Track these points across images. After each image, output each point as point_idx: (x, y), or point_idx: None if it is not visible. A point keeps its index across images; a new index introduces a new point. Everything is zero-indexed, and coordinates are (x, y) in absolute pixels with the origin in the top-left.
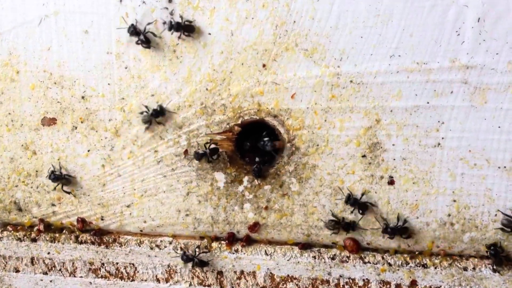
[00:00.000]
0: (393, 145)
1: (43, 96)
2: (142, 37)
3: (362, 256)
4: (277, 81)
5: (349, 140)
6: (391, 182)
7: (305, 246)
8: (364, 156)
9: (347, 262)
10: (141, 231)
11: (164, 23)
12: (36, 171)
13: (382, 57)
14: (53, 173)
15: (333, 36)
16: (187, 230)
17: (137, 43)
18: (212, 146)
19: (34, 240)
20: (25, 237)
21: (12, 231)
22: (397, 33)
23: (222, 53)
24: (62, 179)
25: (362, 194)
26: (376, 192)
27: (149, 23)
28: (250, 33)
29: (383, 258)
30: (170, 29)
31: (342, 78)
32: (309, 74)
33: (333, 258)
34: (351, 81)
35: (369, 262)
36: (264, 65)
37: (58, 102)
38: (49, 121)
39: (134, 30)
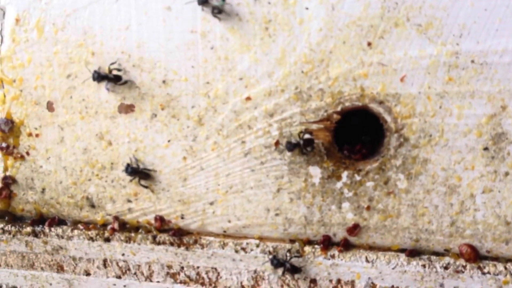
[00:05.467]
0: None
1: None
2: (111, 76)
3: (481, 265)
4: (384, 62)
5: (468, 130)
6: None
7: (413, 253)
8: (486, 148)
9: (463, 272)
10: (224, 232)
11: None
12: (112, 163)
13: (510, 33)
14: (130, 166)
15: (451, 9)
16: (277, 232)
17: (107, 88)
18: (307, 136)
19: (107, 240)
20: (97, 237)
21: (84, 230)
22: None
23: (320, 30)
24: (140, 172)
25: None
26: (499, 191)
27: (113, 63)
28: (354, 7)
29: (505, 268)
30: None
31: (462, 58)
32: (422, 53)
33: (446, 268)
34: (472, 61)
35: (489, 272)
36: (369, 44)
37: (136, 87)
38: (127, 108)
39: (98, 76)
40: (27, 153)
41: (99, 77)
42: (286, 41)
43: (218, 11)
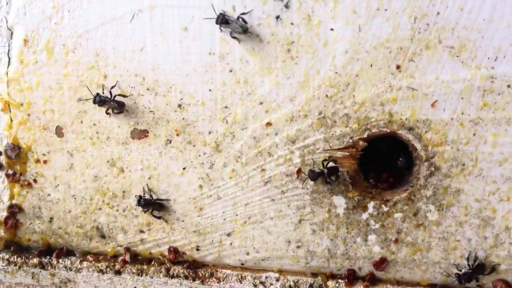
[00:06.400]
0: None
1: (133, 104)
2: (113, 103)
3: None
4: (414, 86)
5: (504, 158)
6: None
7: None
8: None
9: None
10: (242, 264)
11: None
12: (123, 192)
13: None
14: (142, 198)
15: (486, 30)
16: (298, 265)
17: (107, 112)
18: (331, 164)
19: (118, 273)
20: (108, 269)
21: (93, 262)
22: None
23: (346, 52)
24: (153, 204)
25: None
26: None
27: (113, 86)
28: (382, 28)
29: None
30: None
31: (497, 82)
32: (455, 77)
33: None
34: (508, 86)
35: None
36: (398, 67)
37: (151, 111)
38: (140, 134)
39: (100, 100)
40: (35, 181)
41: (100, 101)
42: (309, 64)
43: (238, 32)
